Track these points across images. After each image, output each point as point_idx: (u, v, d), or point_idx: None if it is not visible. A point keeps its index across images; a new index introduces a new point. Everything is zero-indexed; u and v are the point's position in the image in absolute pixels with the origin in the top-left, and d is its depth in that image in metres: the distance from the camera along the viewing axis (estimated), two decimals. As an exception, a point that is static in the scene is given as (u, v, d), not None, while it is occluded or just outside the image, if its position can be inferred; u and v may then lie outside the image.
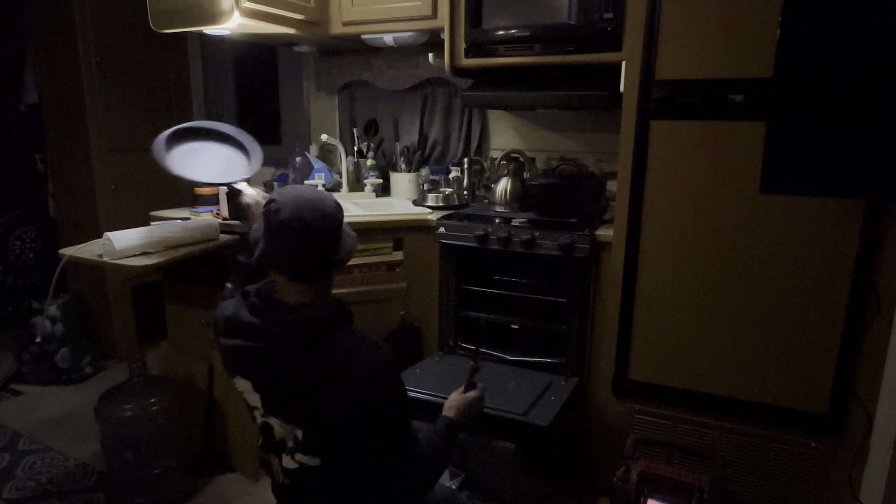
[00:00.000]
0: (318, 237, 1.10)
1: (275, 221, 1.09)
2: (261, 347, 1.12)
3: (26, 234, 3.16)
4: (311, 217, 1.09)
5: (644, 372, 1.87)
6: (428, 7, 2.18)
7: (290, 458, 1.15)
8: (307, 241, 1.10)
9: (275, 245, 1.11)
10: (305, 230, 1.08)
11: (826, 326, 1.61)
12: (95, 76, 2.86)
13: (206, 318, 2.21)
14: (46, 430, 2.52)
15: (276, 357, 1.11)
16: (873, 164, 1.37)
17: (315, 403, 1.09)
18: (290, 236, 1.09)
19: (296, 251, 1.10)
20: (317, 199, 1.13)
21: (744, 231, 1.66)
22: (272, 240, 1.11)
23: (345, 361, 1.09)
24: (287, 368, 1.11)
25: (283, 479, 1.20)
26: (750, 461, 1.76)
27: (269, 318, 1.11)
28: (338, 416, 1.08)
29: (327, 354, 1.09)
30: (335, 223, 1.13)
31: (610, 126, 2.32)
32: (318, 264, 1.13)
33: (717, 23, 1.60)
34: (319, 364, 1.09)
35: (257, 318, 1.12)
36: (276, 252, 1.12)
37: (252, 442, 2.13)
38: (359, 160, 2.72)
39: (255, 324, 1.12)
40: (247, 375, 1.16)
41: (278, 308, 1.13)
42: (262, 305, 1.14)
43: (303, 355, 1.10)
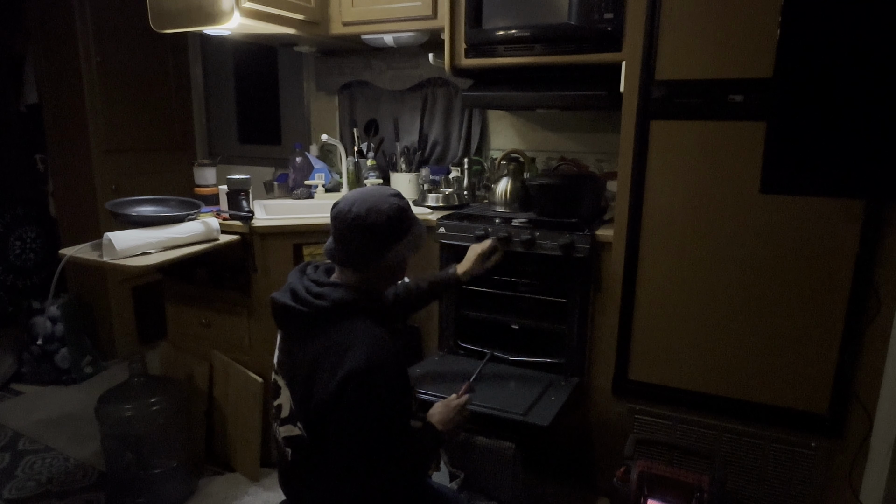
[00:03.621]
0: (358, 230, 1.20)
1: (332, 211, 1.25)
2: (290, 306, 1.22)
3: (26, 234, 3.16)
4: (357, 211, 1.20)
5: (644, 372, 1.87)
6: (428, 7, 2.18)
7: (290, 425, 1.23)
8: (348, 232, 1.21)
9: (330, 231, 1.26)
10: (346, 220, 1.20)
11: (826, 326, 1.61)
12: (95, 76, 2.86)
13: (206, 318, 2.22)
14: (46, 430, 2.52)
15: (297, 320, 1.22)
16: (873, 165, 1.37)
17: (305, 378, 1.17)
18: (335, 224, 1.23)
19: (337, 238, 1.23)
20: (371, 199, 1.23)
21: (744, 231, 1.66)
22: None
23: (337, 351, 1.15)
24: (301, 335, 1.22)
25: (284, 449, 1.26)
26: (750, 461, 1.76)
27: (306, 283, 1.24)
28: (319, 398, 1.15)
29: (328, 338, 1.17)
30: (381, 223, 1.21)
31: (610, 126, 2.32)
32: (355, 254, 1.23)
33: (717, 23, 1.60)
34: (318, 343, 1.18)
35: (299, 281, 1.25)
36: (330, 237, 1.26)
37: (252, 442, 2.13)
38: (359, 160, 2.72)
39: (294, 284, 1.24)
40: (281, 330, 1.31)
41: (317, 280, 1.25)
42: (310, 272, 1.28)
43: (314, 328, 1.20)
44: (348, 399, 1.12)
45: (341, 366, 1.12)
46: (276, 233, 2.06)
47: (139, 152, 3.13)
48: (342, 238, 1.23)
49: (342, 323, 1.19)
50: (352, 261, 1.24)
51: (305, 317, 1.21)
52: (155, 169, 3.20)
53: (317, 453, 1.20)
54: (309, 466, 1.23)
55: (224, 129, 3.49)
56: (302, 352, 1.21)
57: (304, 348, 1.20)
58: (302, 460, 1.24)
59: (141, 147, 3.14)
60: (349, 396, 1.12)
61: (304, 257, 2.10)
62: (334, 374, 1.13)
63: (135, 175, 3.06)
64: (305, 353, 1.19)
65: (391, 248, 1.24)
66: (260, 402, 2.10)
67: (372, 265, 1.24)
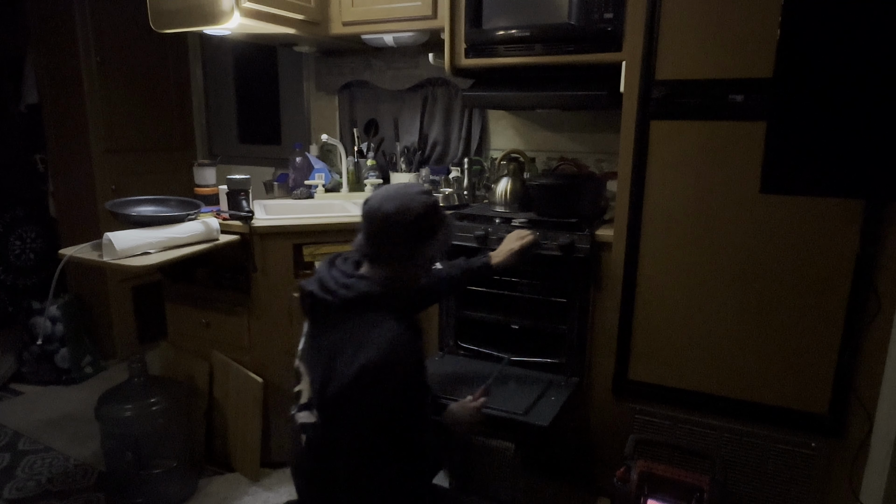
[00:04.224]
0: (389, 228, 1.23)
1: (362, 209, 1.28)
2: (316, 294, 1.25)
3: (26, 234, 3.16)
4: (388, 209, 1.23)
5: (644, 372, 1.87)
6: (428, 7, 2.18)
7: (308, 412, 1.26)
8: (378, 230, 1.24)
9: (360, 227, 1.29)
10: (376, 219, 1.23)
11: (826, 326, 1.61)
12: (95, 76, 2.86)
13: (206, 318, 2.22)
14: (46, 430, 2.52)
15: (322, 308, 1.25)
16: (873, 165, 1.37)
17: (325, 366, 1.20)
18: (365, 221, 1.26)
19: (367, 235, 1.26)
20: (402, 197, 1.25)
21: (744, 231, 1.66)
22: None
23: (357, 342, 1.18)
24: (325, 323, 1.25)
25: (300, 435, 1.28)
26: (750, 461, 1.76)
27: (334, 273, 1.26)
28: (336, 386, 1.17)
29: (350, 328, 1.20)
30: (411, 222, 1.24)
31: (610, 126, 2.32)
32: (384, 252, 1.26)
33: (717, 23, 1.60)
34: (340, 332, 1.21)
35: (328, 271, 1.28)
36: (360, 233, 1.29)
37: (252, 442, 2.13)
38: (359, 160, 2.72)
39: (323, 274, 1.27)
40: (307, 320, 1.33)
41: (345, 271, 1.27)
42: (339, 263, 1.30)
43: (338, 318, 1.23)
44: (362, 390, 1.15)
45: (358, 357, 1.15)
46: (276, 233, 2.06)
47: (139, 152, 3.13)
48: (372, 236, 1.25)
49: (365, 315, 1.21)
50: (381, 258, 1.26)
51: (330, 306, 1.23)
52: (155, 169, 3.20)
53: (329, 440, 1.22)
54: (321, 453, 1.25)
55: (224, 129, 3.49)
56: (324, 339, 1.23)
57: (326, 336, 1.23)
58: (315, 446, 1.26)
59: (141, 147, 3.14)
60: (363, 388, 1.15)
61: (303, 257, 2.10)
62: (351, 364, 1.15)
63: (135, 175, 3.06)
64: (327, 341, 1.22)
65: (421, 247, 1.27)
66: (260, 402, 2.10)
67: (401, 262, 1.27)
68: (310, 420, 1.25)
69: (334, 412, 1.20)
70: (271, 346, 2.12)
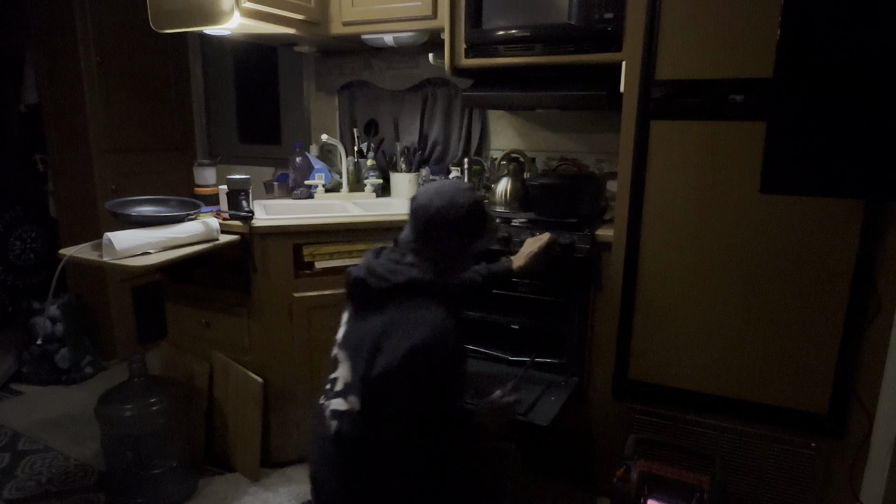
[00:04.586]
0: (440, 225, 1.28)
1: (411, 205, 1.34)
2: (366, 280, 1.28)
3: (26, 234, 3.16)
4: (439, 205, 1.28)
5: (644, 372, 1.87)
6: (428, 7, 2.18)
7: (341, 399, 1.27)
8: (430, 226, 1.29)
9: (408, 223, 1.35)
10: (427, 215, 1.29)
11: (826, 326, 1.61)
12: (95, 76, 2.86)
13: (206, 318, 2.22)
14: (46, 430, 2.52)
15: (370, 293, 1.27)
16: (873, 165, 1.37)
17: (371, 349, 1.22)
18: (415, 217, 1.31)
19: (416, 230, 1.31)
20: (450, 193, 1.31)
21: (744, 231, 1.66)
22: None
23: (405, 325, 1.21)
24: (371, 308, 1.27)
25: (329, 422, 1.29)
26: (750, 461, 1.76)
27: (382, 261, 1.31)
28: (382, 368, 1.19)
29: (398, 312, 1.23)
30: (462, 217, 1.29)
31: (610, 126, 2.32)
32: (433, 247, 1.30)
33: (717, 23, 1.60)
34: (388, 316, 1.23)
35: (375, 259, 1.33)
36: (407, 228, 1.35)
37: (252, 442, 2.13)
38: (359, 160, 2.72)
39: (371, 262, 1.32)
40: (349, 308, 1.36)
41: (394, 259, 1.31)
42: (385, 253, 1.34)
43: (386, 302, 1.25)
44: (411, 372, 1.17)
45: (408, 339, 1.18)
46: (276, 233, 2.06)
47: (139, 152, 3.13)
48: (420, 230, 1.30)
49: (413, 300, 1.24)
50: (427, 252, 1.30)
51: (379, 291, 1.26)
52: (155, 169, 3.20)
53: (366, 426, 1.23)
54: (352, 441, 1.25)
55: (224, 129, 3.49)
56: (369, 323, 1.25)
57: (372, 320, 1.25)
58: (345, 435, 1.26)
59: (141, 147, 3.14)
60: (412, 369, 1.17)
61: (303, 257, 2.10)
62: (400, 345, 1.17)
63: (135, 175, 3.06)
64: (373, 325, 1.24)
65: (466, 243, 1.33)
66: (260, 402, 2.10)
67: (446, 257, 1.31)
68: (343, 408, 1.26)
69: (379, 393, 1.21)
70: (271, 346, 2.12)
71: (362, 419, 1.24)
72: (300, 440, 2.21)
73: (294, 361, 2.14)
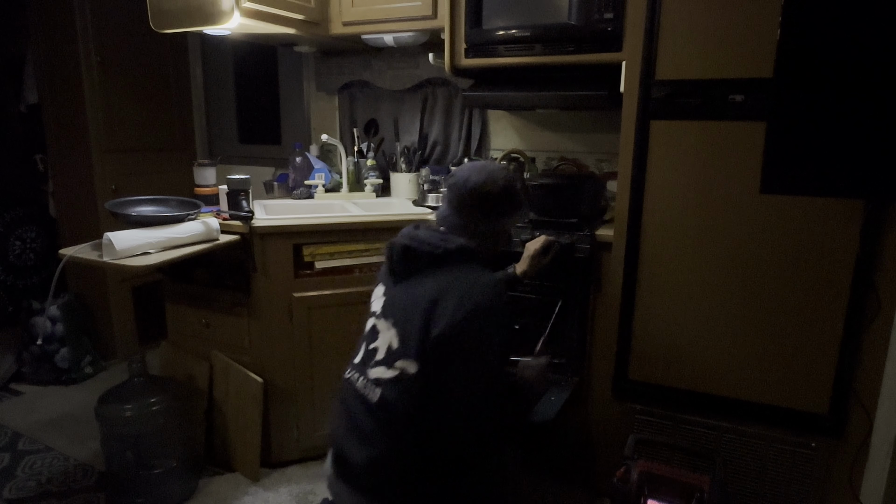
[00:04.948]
0: (476, 198, 1.36)
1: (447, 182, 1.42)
2: (413, 247, 1.32)
3: (26, 234, 3.16)
4: (476, 180, 1.36)
5: (644, 372, 1.87)
6: (428, 7, 2.18)
7: (384, 367, 1.29)
8: (466, 199, 1.37)
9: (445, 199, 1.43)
10: (464, 189, 1.36)
11: (826, 326, 1.61)
12: (95, 76, 2.86)
13: (206, 319, 2.22)
14: (46, 430, 2.52)
15: (419, 260, 1.32)
16: (873, 165, 1.37)
17: (425, 312, 1.24)
18: (451, 192, 1.39)
19: (453, 205, 1.39)
20: (487, 170, 1.39)
21: (744, 231, 1.66)
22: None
23: (462, 286, 1.25)
24: (420, 274, 1.31)
25: (371, 392, 1.29)
26: (750, 461, 1.76)
27: (422, 233, 1.36)
28: (441, 330, 1.21)
29: (452, 275, 1.28)
30: (497, 192, 1.37)
31: (610, 126, 2.32)
32: (468, 221, 1.37)
33: (717, 23, 1.60)
34: (441, 280, 1.27)
35: (418, 229, 1.39)
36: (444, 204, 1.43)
37: (252, 442, 2.13)
38: (359, 160, 2.72)
39: (413, 233, 1.36)
40: (385, 279, 1.40)
41: (434, 230, 1.38)
42: (425, 227, 1.40)
43: (436, 268, 1.30)
44: (474, 331, 1.22)
45: (468, 300, 1.22)
46: (276, 233, 2.06)
47: (139, 152, 3.13)
48: (458, 205, 1.37)
49: (464, 265, 1.31)
50: (465, 227, 1.37)
51: (430, 257, 1.30)
52: (155, 169, 3.20)
53: (425, 388, 1.24)
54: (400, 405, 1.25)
55: (224, 129, 3.49)
56: (418, 289, 1.28)
57: (420, 286, 1.29)
58: (393, 400, 1.26)
59: (141, 147, 3.14)
60: (475, 329, 1.21)
61: (304, 257, 2.10)
62: (462, 306, 1.21)
63: (135, 175, 3.06)
64: (425, 290, 1.27)
65: (501, 220, 1.40)
66: (260, 402, 2.10)
67: (482, 232, 1.38)
68: (387, 375, 1.27)
69: (439, 355, 1.22)
70: (271, 346, 2.12)
71: (418, 384, 1.24)
72: (300, 440, 2.22)
73: (294, 361, 2.14)
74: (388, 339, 1.30)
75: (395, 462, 1.27)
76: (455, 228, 1.37)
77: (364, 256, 2.16)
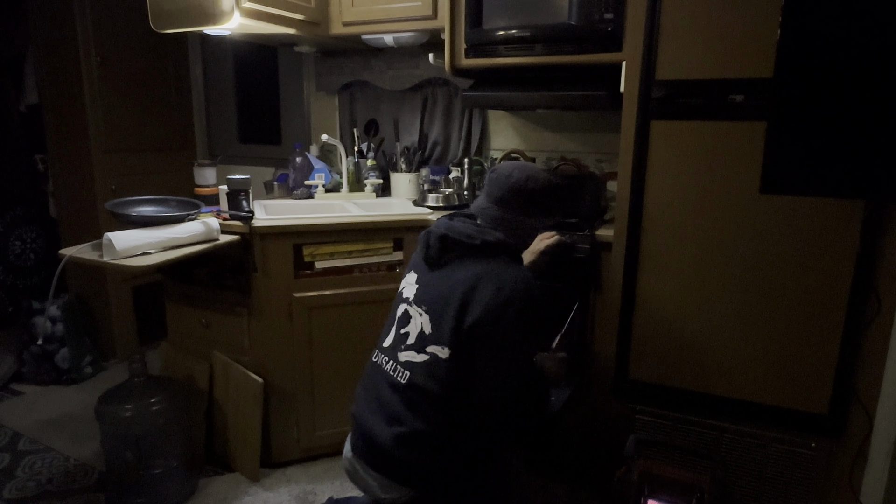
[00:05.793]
0: (516, 193, 1.39)
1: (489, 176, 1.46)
2: (452, 237, 1.35)
3: (27, 234, 3.16)
4: (518, 176, 1.40)
5: (644, 372, 1.87)
6: (428, 7, 2.18)
7: (414, 351, 1.33)
8: (506, 193, 1.40)
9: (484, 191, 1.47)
10: (506, 183, 1.40)
11: (826, 326, 1.61)
12: (95, 76, 2.86)
13: (206, 318, 2.22)
14: (46, 430, 2.52)
15: (456, 250, 1.35)
16: (873, 165, 1.37)
17: (461, 299, 1.28)
18: (492, 185, 1.43)
19: (492, 197, 1.42)
20: (530, 169, 1.44)
21: (744, 231, 1.66)
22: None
23: (499, 275, 1.29)
24: (455, 264, 1.35)
25: (400, 374, 1.33)
26: (750, 461, 1.76)
27: (458, 224, 1.39)
28: (478, 315, 1.25)
29: (489, 265, 1.31)
30: (537, 191, 1.41)
31: (610, 126, 2.32)
32: (506, 214, 1.40)
33: (717, 23, 1.60)
34: (479, 268, 1.31)
35: (452, 222, 1.41)
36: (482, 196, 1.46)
37: (252, 442, 2.13)
38: (359, 160, 2.72)
39: (449, 224, 1.39)
40: (419, 267, 1.43)
41: (470, 221, 1.42)
42: (459, 218, 1.44)
43: (473, 258, 1.33)
44: (507, 321, 1.25)
45: (505, 289, 1.26)
46: (277, 233, 2.06)
47: (139, 152, 3.13)
48: (499, 199, 1.40)
49: (500, 257, 1.34)
50: (501, 220, 1.40)
51: (469, 247, 1.33)
52: (155, 169, 3.20)
53: (457, 375, 1.27)
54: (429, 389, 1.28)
55: (224, 129, 3.49)
56: (455, 277, 1.32)
57: (457, 274, 1.32)
58: (422, 384, 1.29)
59: (141, 147, 3.14)
60: (509, 318, 1.25)
61: (304, 257, 2.10)
62: (497, 295, 1.25)
63: (135, 175, 3.06)
64: (461, 279, 1.30)
65: (540, 216, 1.45)
66: (260, 402, 2.10)
67: (516, 227, 1.41)
68: (419, 359, 1.31)
69: (473, 343, 1.26)
70: (271, 346, 2.12)
71: (448, 370, 1.27)
72: (300, 440, 2.22)
73: (294, 361, 2.14)
74: (419, 325, 1.34)
75: (422, 441, 1.29)
76: (492, 220, 1.40)
77: (364, 256, 2.16)
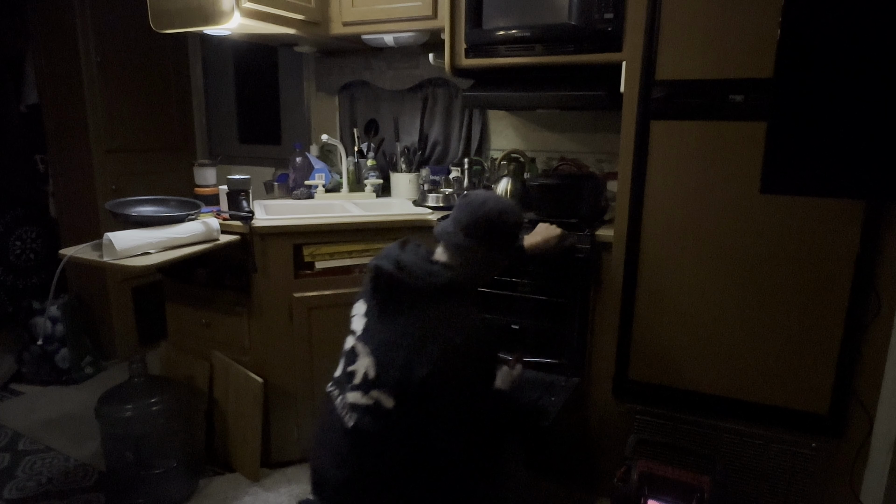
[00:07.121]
0: (486, 223, 1.33)
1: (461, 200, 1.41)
2: (399, 277, 1.27)
3: (27, 234, 3.16)
4: (492, 206, 1.35)
5: (644, 372, 1.87)
6: (428, 7, 2.18)
7: (360, 393, 1.27)
8: (476, 221, 1.33)
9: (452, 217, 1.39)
10: (478, 211, 1.34)
11: (826, 327, 1.61)
12: (95, 76, 2.86)
13: (206, 318, 2.22)
14: (46, 430, 2.52)
15: (403, 291, 1.27)
16: (873, 165, 1.37)
17: (410, 348, 1.21)
18: (463, 210, 1.36)
19: (461, 223, 1.34)
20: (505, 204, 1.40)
21: (744, 231, 1.66)
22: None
23: (444, 329, 1.22)
24: (402, 306, 1.26)
25: (347, 416, 1.28)
26: (750, 461, 1.76)
27: (409, 257, 1.31)
28: (427, 369, 1.19)
29: (437, 313, 1.24)
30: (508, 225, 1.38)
31: (610, 126, 2.32)
32: (472, 243, 1.33)
33: (717, 23, 1.60)
34: (424, 317, 1.24)
35: (404, 255, 1.32)
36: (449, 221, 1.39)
37: (252, 442, 2.13)
38: (359, 160, 2.72)
39: (401, 257, 1.30)
40: (368, 299, 1.35)
41: (421, 256, 1.34)
42: (412, 248, 1.36)
43: (420, 302, 1.25)
44: (458, 374, 1.21)
45: (455, 344, 1.20)
46: (277, 233, 2.06)
47: (139, 152, 3.13)
48: (467, 225, 1.33)
49: (449, 301, 1.26)
50: (467, 249, 1.33)
51: (414, 290, 1.26)
52: (155, 169, 3.20)
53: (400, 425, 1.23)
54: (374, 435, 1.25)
55: (224, 129, 3.49)
56: (402, 324, 1.24)
57: (405, 320, 1.24)
58: (363, 429, 1.25)
59: (141, 147, 3.14)
60: (459, 371, 1.21)
61: (304, 257, 2.10)
62: (446, 351, 1.19)
63: (135, 175, 3.06)
64: (408, 327, 1.24)
65: (502, 251, 1.40)
66: (260, 402, 2.10)
67: (481, 259, 1.36)
68: (363, 402, 1.26)
69: (421, 395, 1.21)
70: (271, 346, 2.12)
71: (394, 418, 1.23)
72: (300, 440, 2.21)
73: (294, 361, 2.14)
74: (365, 366, 1.28)
75: (367, 484, 1.27)
76: (454, 247, 1.34)
77: (364, 256, 2.16)
